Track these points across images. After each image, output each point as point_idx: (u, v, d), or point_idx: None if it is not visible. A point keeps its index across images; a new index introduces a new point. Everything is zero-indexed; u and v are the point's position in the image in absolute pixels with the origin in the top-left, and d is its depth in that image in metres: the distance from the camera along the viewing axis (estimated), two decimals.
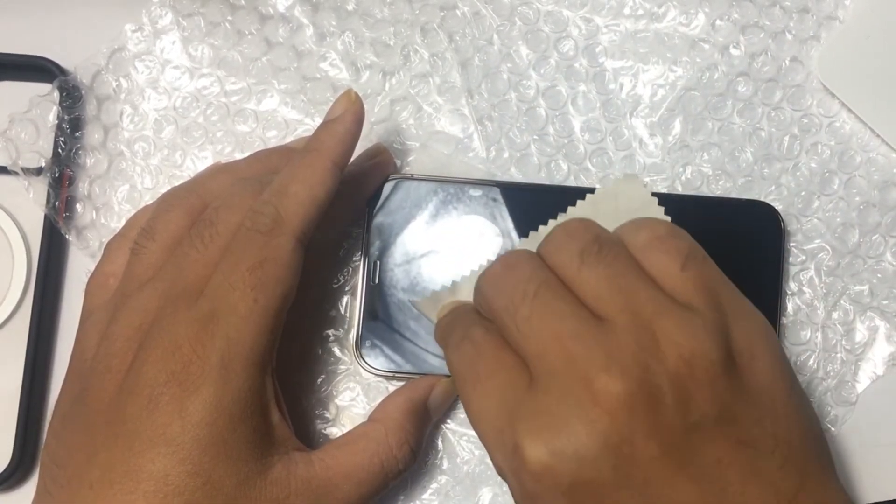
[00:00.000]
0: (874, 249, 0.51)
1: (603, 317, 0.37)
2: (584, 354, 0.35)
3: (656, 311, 0.36)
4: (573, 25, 0.53)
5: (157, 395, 0.38)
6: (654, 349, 0.35)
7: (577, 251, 0.38)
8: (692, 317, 0.36)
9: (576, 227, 0.39)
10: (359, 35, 0.53)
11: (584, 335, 0.36)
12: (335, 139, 0.44)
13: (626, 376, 0.35)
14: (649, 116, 0.53)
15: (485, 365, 0.38)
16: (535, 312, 0.37)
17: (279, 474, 0.40)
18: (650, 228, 0.39)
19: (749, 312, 0.39)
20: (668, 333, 0.36)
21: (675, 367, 0.35)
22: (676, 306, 0.37)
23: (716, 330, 0.36)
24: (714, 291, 0.38)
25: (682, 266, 0.38)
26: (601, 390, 0.35)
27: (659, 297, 0.37)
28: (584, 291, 0.37)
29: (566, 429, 0.35)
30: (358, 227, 0.50)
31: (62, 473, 0.39)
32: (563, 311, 0.37)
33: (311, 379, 0.50)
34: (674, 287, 0.38)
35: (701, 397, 0.35)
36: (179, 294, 0.40)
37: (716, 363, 0.36)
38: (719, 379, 0.35)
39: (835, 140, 0.52)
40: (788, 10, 0.53)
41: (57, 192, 0.50)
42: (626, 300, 0.37)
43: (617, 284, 0.37)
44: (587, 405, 0.35)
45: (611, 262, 0.38)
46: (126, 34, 0.53)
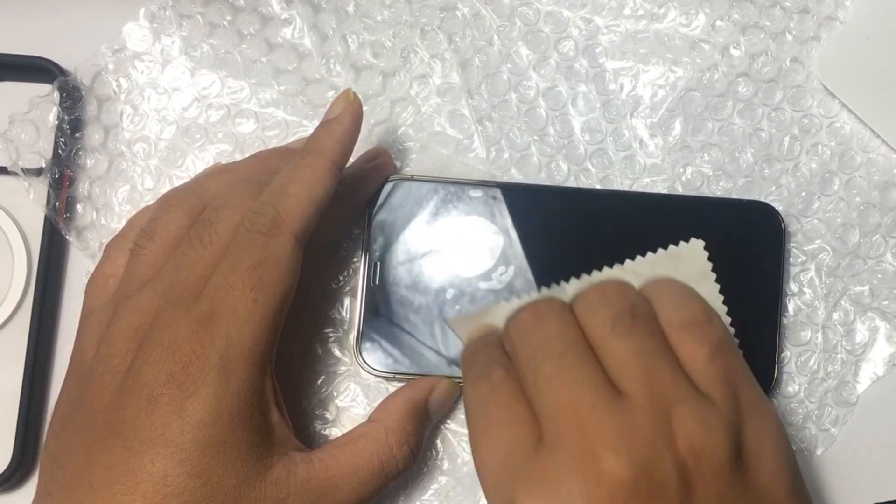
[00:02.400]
0: (874, 250, 0.51)
1: (623, 391, 0.37)
2: (596, 429, 0.35)
3: (676, 397, 0.36)
4: (573, 26, 0.53)
5: (156, 395, 0.38)
6: (666, 435, 0.35)
7: (610, 318, 0.38)
8: (709, 409, 0.36)
9: (614, 291, 0.39)
10: (359, 36, 0.53)
11: (600, 409, 0.36)
12: (334, 139, 0.44)
13: (633, 460, 0.35)
14: (649, 117, 0.53)
15: (497, 411, 0.38)
16: (556, 374, 0.37)
17: (279, 474, 0.40)
18: (690, 310, 0.39)
19: (764, 412, 0.38)
20: (684, 422, 0.36)
21: (684, 458, 0.35)
22: (697, 395, 0.37)
23: (730, 426, 0.36)
24: (735, 386, 0.38)
25: (711, 355, 0.38)
26: (607, 470, 0.35)
27: (681, 383, 0.37)
28: (610, 361, 0.37)
29: (565, 501, 0.35)
30: (358, 227, 0.50)
31: (62, 474, 0.39)
32: (585, 378, 0.37)
33: (312, 379, 0.50)
34: (698, 374, 0.38)
35: (704, 492, 0.35)
36: (179, 295, 0.40)
37: (723, 459, 0.36)
38: (724, 475, 0.35)
39: (835, 140, 0.52)
40: (789, 10, 0.53)
41: (57, 192, 0.50)
42: (649, 379, 0.36)
43: (643, 361, 0.37)
44: (590, 482, 0.35)
45: (641, 337, 0.38)
46: (126, 34, 0.53)
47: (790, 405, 0.50)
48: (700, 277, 0.45)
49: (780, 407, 0.50)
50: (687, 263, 0.46)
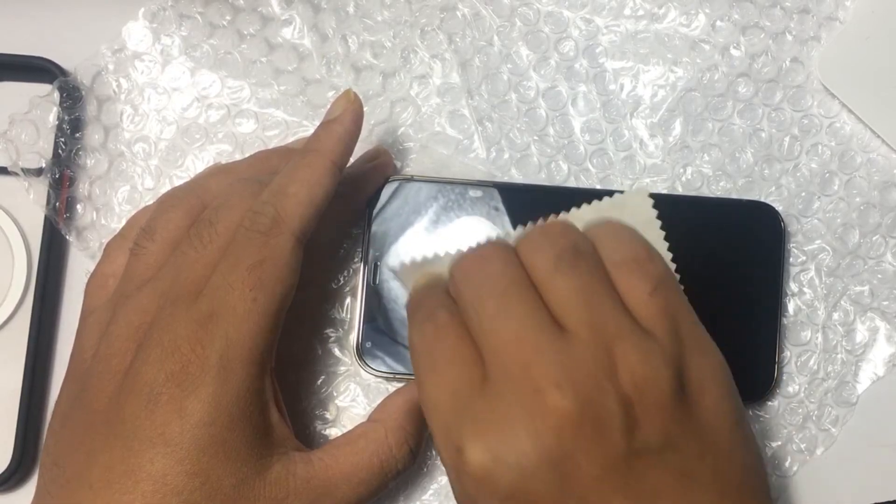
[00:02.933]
0: (874, 250, 0.51)
1: (565, 327, 0.36)
2: (540, 364, 0.35)
3: (618, 333, 0.36)
4: (573, 26, 0.53)
5: (155, 395, 0.38)
6: (609, 370, 0.35)
7: (552, 255, 0.38)
8: (651, 344, 0.36)
9: (556, 229, 0.39)
10: (359, 37, 0.53)
11: (543, 344, 0.36)
12: (334, 139, 0.44)
13: (577, 394, 0.35)
14: (650, 117, 0.53)
15: (443, 352, 0.38)
16: (499, 312, 0.37)
17: (278, 474, 0.40)
18: (631, 248, 0.39)
19: (706, 347, 0.39)
20: (626, 356, 0.36)
21: (627, 392, 0.35)
22: (638, 330, 0.37)
23: (672, 360, 0.36)
24: (677, 321, 0.38)
25: (652, 291, 0.38)
26: (551, 405, 0.35)
27: (623, 319, 0.37)
28: (552, 298, 0.37)
29: (511, 437, 0.35)
30: (358, 228, 0.50)
31: (61, 473, 0.39)
32: (528, 315, 0.37)
33: (311, 380, 0.50)
34: (639, 310, 0.37)
35: (648, 425, 0.35)
36: (179, 294, 0.40)
37: (666, 393, 0.36)
38: (668, 409, 0.36)
39: (835, 141, 0.52)
40: (789, 10, 0.53)
41: (57, 192, 0.51)
42: (592, 315, 0.36)
43: (586, 298, 0.37)
44: (535, 417, 0.35)
45: (583, 274, 0.37)
46: (126, 34, 0.53)
47: (790, 405, 0.50)
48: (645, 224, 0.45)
49: (780, 407, 0.50)
50: (631, 211, 0.46)
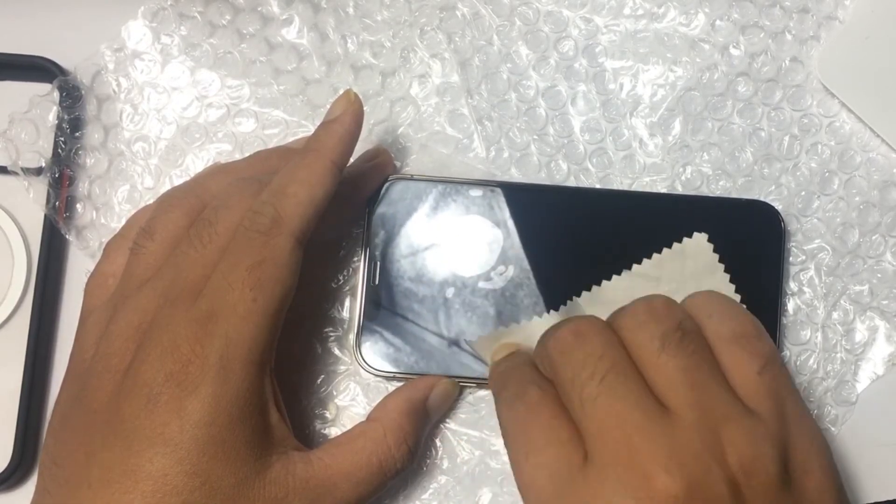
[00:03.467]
0: (874, 249, 0.51)
1: (670, 408, 0.36)
2: (646, 447, 0.35)
3: (725, 414, 0.36)
4: (573, 25, 0.53)
5: (155, 394, 0.38)
6: (716, 452, 0.35)
7: (658, 335, 0.38)
8: (758, 425, 0.36)
9: (660, 307, 0.39)
10: (358, 36, 0.53)
11: (649, 427, 0.36)
12: (334, 139, 0.44)
13: (685, 477, 0.34)
14: (649, 116, 0.53)
15: (539, 433, 0.38)
16: (602, 393, 0.36)
17: (278, 474, 0.40)
18: (739, 323, 0.39)
19: (811, 428, 0.38)
20: (733, 438, 0.36)
21: (735, 474, 0.35)
22: (745, 411, 0.37)
23: (778, 441, 0.36)
24: (783, 401, 0.38)
25: (760, 370, 0.38)
26: (660, 488, 0.34)
27: (730, 400, 0.37)
28: (657, 378, 0.37)
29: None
30: (358, 227, 0.50)
31: (61, 473, 0.39)
32: (632, 396, 0.36)
33: (311, 379, 0.50)
34: (746, 389, 0.37)
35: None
36: (178, 294, 0.40)
37: (773, 475, 0.36)
38: (773, 491, 0.35)
39: (835, 140, 0.52)
40: (788, 10, 0.53)
41: (57, 192, 0.51)
42: (699, 396, 0.36)
43: (692, 378, 0.37)
44: (643, 499, 0.34)
45: (691, 354, 0.37)
46: (126, 34, 0.53)
47: None
48: (708, 271, 0.45)
49: None
50: (693, 259, 0.46)
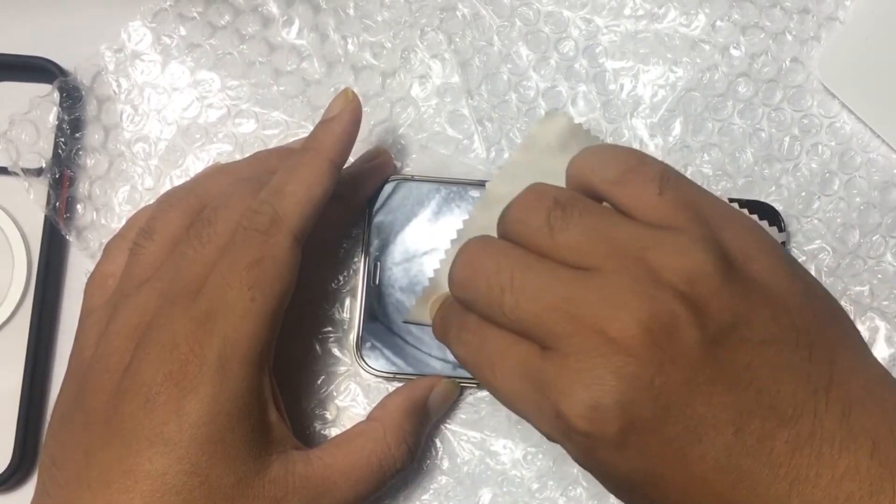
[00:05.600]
0: (874, 250, 0.51)
1: (589, 269, 0.36)
2: (586, 311, 0.35)
3: (642, 245, 0.36)
4: (573, 26, 0.53)
5: (154, 394, 0.38)
6: (652, 280, 0.35)
7: (541, 222, 0.37)
8: (679, 237, 0.36)
9: (530, 197, 0.39)
10: (359, 37, 0.53)
11: (577, 294, 0.36)
12: (333, 138, 0.44)
13: (635, 314, 0.34)
14: (650, 117, 0.53)
15: (492, 348, 0.38)
16: (520, 298, 0.36)
17: (277, 473, 0.40)
18: (620, 160, 0.39)
19: (733, 216, 0.38)
20: (661, 261, 0.35)
21: (679, 289, 0.35)
22: (661, 233, 0.36)
23: (705, 242, 0.36)
24: (695, 205, 0.37)
25: (660, 191, 0.37)
26: (618, 336, 0.34)
27: (640, 231, 0.36)
28: (564, 255, 0.37)
29: (598, 382, 0.34)
30: (358, 227, 0.50)
31: (60, 473, 0.39)
32: (547, 283, 0.36)
33: (311, 379, 0.50)
34: (654, 214, 0.37)
35: (713, 309, 0.35)
36: (177, 293, 0.40)
37: (715, 274, 0.35)
38: (724, 288, 0.35)
39: (835, 141, 0.52)
40: (789, 10, 0.53)
41: (57, 192, 0.51)
42: (609, 246, 0.36)
43: (594, 236, 0.37)
44: (609, 354, 0.34)
45: (579, 218, 0.37)
46: (126, 34, 0.53)
47: None
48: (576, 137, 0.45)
49: None
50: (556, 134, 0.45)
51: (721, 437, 0.34)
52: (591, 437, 0.35)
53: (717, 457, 0.34)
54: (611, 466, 0.36)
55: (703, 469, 0.35)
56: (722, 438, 0.34)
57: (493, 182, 0.48)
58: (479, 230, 0.44)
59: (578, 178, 0.40)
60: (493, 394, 0.39)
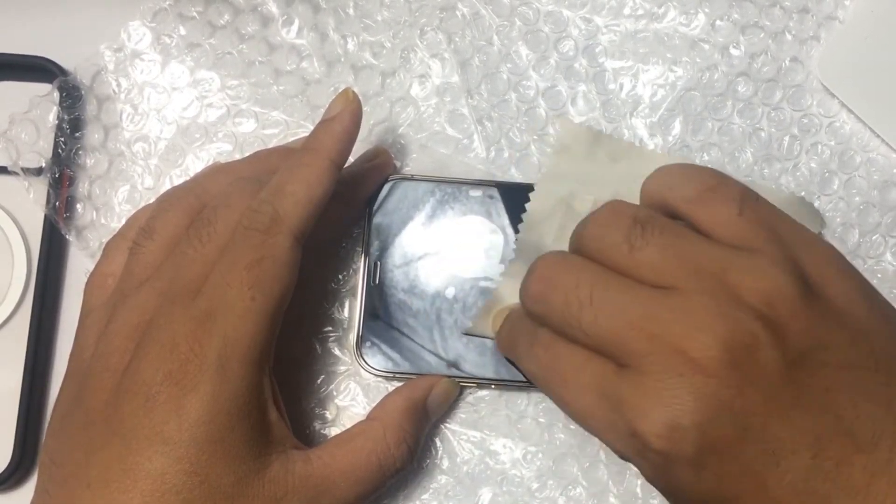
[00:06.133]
0: (874, 249, 0.51)
1: (668, 288, 0.36)
2: (665, 329, 0.35)
3: (722, 266, 0.36)
4: (573, 25, 0.53)
5: (154, 393, 0.38)
6: (733, 301, 0.35)
7: (621, 239, 0.38)
8: (758, 258, 0.36)
9: (607, 214, 0.39)
10: (358, 37, 0.53)
11: (657, 313, 0.36)
12: (333, 138, 0.44)
13: (716, 335, 0.34)
14: (649, 116, 0.53)
15: (566, 364, 0.38)
16: (599, 315, 0.37)
17: (277, 472, 0.40)
18: (699, 180, 0.39)
19: (811, 239, 0.38)
20: (741, 282, 0.35)
21: (760, 311, 0.35)
22: (740, 254, 0.36)
23: (785, 264, 0.36)
24: (774, 227, 0.38)
25: (739, 212, 0.37)
26: (698, 356, 0.34)
27: (719, 252, 0.37)
28: (643, 273, 0.37)
29: (676, 402, 0.35)
30: (358, 227, 0.50)
31: (60, 473, 0.39)
32: (627, 300, 0.36)
33: (311, 379, 0.50)
34: (733, 235, 0.37)
35: (793, 332, 0.35)
36: (177, 293, 0.40)
37: (795, 296, 0.35)
38: (804, 310, 0.35)
39: (835, 140, 0.52)
40: (788, 10, 0.53)
41: (57, 192, 0.51)
42: (688, 266, 0.36)
43: (673, 255, 0.37)
44: (688, 374, 0.34)
45: (659, 236, 0.37)
46: (126, 34, 0.53)
47: None
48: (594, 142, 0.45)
49: None
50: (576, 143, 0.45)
51: (799, 461, 0.34)
52: (668, 457, 0.35)
53: (794, 481, 0.34)
54: (686, 487, 0.36)
55: (780, 493, 0.34)
56: (800, 462, 0.34)
57: (532, 203, 0.48)
58: (534, 250, 0.44)
59: (656, 196, 0.40)
60: (563, 409, 0.39)
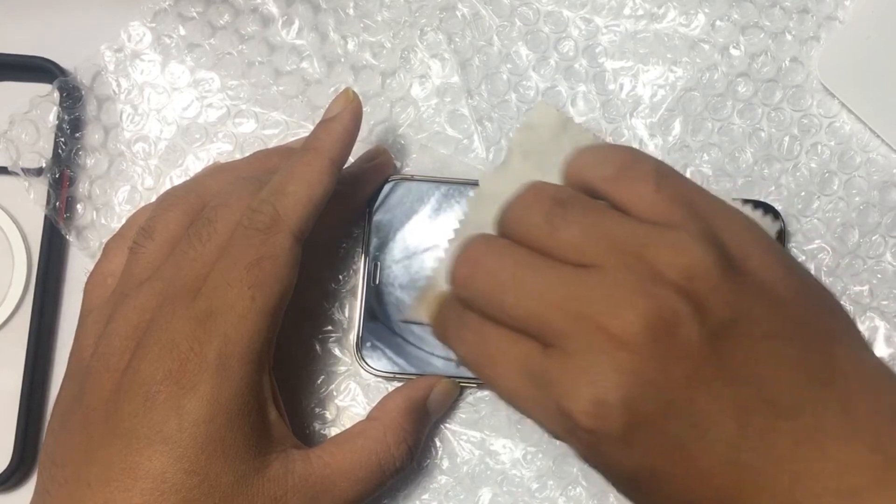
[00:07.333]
0: (874, 250, 0.51)
1: (590, 266, 0.36)
2: (587, 308, 0.35)
3: (641, 242, 0.36)
4: (573, 26, 0.53)
5: (153, 392, 0.38)
6: (652, 276, 0.35)
7: (541, 219, 0.37)
8: (677, 233, 0.36)
9: (529, 194, 0.39)
10: (358, 37, 0.53)
11: (579, 292, 0.36)
12: (333, 137, 0.44)
13: (637, 311, 0.34)
14: (649, 117, 0.53)
15: (493, 346, 0.38)
16: (521, 296, 0.36)
17: (276, 472, 0.40)
18: (616, 157, 0.39)
19: (728, 212, 0.38)
20: (660, 257, 0.35)
21: (679, 285, 0.35)
22: (659, 229, 0.36)
23: (703, 238, 0.36)
24: (690, 201, 0.37)
25: (656, 188, 0.37)
26: (620, 333, 0.34)
27: (639, 228, 0.36)
28: (564, 252, 0.37)
29: (601, 378, 0.34)
30: (358, 227, 0.50)
31: (60, 472, 0.39)
32: (549, 281, 0.36)
33: (311, 379, 0.50)
34: (651, 211, 0.37)
35: (713, 305, 0.35)
36: (177, 292, 0.40)
37: (714, 269, 0.35)
38: (723, 283, 0.35)
39: (835, 140, 0.52)
40: (788, 10, 0.53)
41: (57, 192, 0.51)
42: (608, 244, 0.36)
43: (594, 234, 0.36)
44: (612, 351, 0.34)
45: (579, 216, 0.37)
46: (126, 34, 0.53)
47: None
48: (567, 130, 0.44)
49: None
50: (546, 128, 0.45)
51: (723, 432, 0.34)
52: (596, 434, 0.35)
53: (720, 452, 0.34)
54: (615, 462, 0.36)
55: (707, 464, 0.35)
56: (724, 433, 0.34)
57: (486, 180, 0.47)
58: (475, 229, 0.44)
59: (576, 176, 0.40)
60: (494, 392, 0.39)
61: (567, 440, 0.37)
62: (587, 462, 0.38)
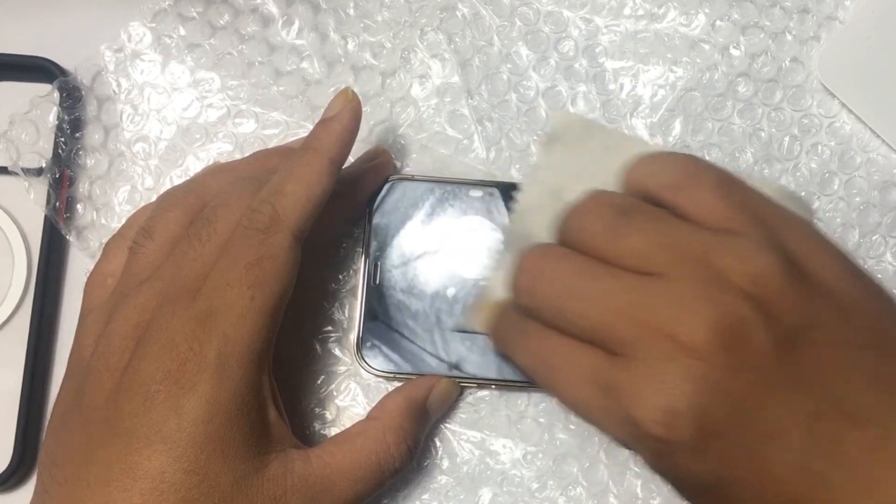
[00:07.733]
0: (874, 250, 0.51)
1: (655, 274, 0.36)
2: (654, 315, 0.35)
3: (706, 249, 0.36)
4: (573, 26, 0.53)
5: (153, 392, 0.38)
6: (719, 283, 0.35)
7: (605, 228, 0.38)
8: (742, 240, 0.36)
9: (590, 204, 0.39)
10: (358, 37, 0.53)
11: (644, 300, 0.36)
12: (332, 137, 0.44)
13: (704, 318, 0.34)
14: (649, 117, 0.53)
15: (558, 356, 0.38)
16: (587, 306, 0.37)
17: (276, 471, 0.40)
18: (678, 166, 0.39)
19: (790, 217, 0.38)
20: (726, 264, 0.35)
21: (746, 292, 0.35)
22: (723, 237, 0.36)
23: (769, 244, 0.36)
24: (753, 208, 0.38)
25: (720, 195, 0.38)
26: (687, 340, 0.34)
27: (703, 236, 0.37)
28: (627, 260, 0.37)
29: (670, 387, 0.34)
30: (358, 227, 0.50)
31: (60, 472, 0.39)
32: (614, 289, 0.37)
33: (311, 379, 0.50)
34: (715, 218, 0.37)
35: (781, 311, 0.35)
36: (177, 292, 0.40)
37: (781, 275, 0.35)
38: (791, 289, 0.35)
39: (835, 140, 0.52)
40: (789, 10, 0.53)
41: (57, 192, 0.51)
42: (673, 251, 0.36)
43: (657, 241, 0.37)
44: (680, 358, 0.34)
45: (642, 224, 0.37)
46: (126, 34, 0.53)
47: None
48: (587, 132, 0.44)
49: None
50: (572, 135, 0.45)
51: (794, 440, 0.34)
52: (666, 443, 0.35)
53: (791, 459, 0.34)
54: (685, 471, 0.36)
55: (779, 472, 0.34)
56: (795, 440, 0.34)
57: (522, 194, 0.48)
58: (522, 240, 0.44)
59: (636, 184, 0.40)
60: (560, 402, 0.39)
61: (636, 448, 0.37)
62: (655, 470, 0.38)
